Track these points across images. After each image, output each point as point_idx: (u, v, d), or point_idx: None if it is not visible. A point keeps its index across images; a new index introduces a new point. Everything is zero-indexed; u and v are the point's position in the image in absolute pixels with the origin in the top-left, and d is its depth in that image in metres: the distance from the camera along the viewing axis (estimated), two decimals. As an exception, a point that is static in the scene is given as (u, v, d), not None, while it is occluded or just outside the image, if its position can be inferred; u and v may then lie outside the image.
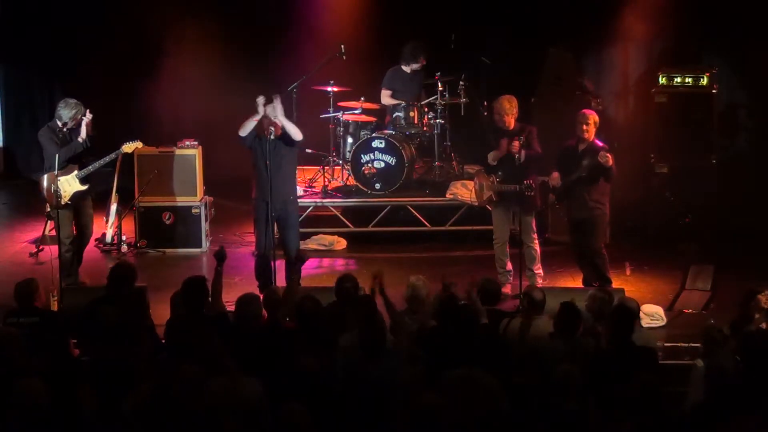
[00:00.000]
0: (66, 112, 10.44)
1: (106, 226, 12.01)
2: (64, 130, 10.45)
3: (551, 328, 7.60)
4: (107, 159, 10.80)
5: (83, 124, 10.38)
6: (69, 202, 10.45)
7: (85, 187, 10.53)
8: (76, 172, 10.47)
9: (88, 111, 10.45)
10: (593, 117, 10.07)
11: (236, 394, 6.38)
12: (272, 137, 9.90)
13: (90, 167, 10.53)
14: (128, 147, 10.97)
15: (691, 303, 10.16)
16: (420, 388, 6.65)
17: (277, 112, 9.98)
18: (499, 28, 13.60)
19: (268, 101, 10.01)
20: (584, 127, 10.03)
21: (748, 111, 13.78)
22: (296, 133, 10.05)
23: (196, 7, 13.91)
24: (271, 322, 7.73)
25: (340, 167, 12.90)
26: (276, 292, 8.15)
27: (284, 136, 10.06)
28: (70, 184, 10.47)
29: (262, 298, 7.98)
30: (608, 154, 9.81)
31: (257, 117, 9.95)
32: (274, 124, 9.97)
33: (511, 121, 10.30)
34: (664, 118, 12.47)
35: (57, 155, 10.27)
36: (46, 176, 10.44)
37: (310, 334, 7.42)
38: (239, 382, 6.51)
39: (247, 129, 9.99)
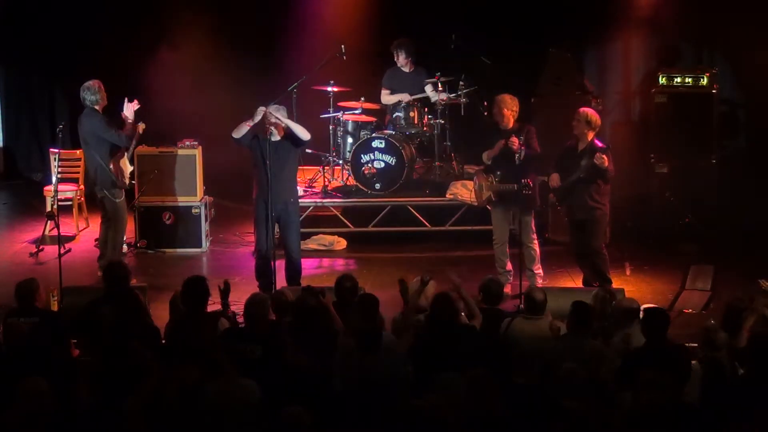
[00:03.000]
0: (94, 97, 10.72)
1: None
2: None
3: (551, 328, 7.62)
4: (135, 142, 11.09)
5: (129, 108, 10.80)
6: (133, 182, 11.14)
7: (132, 167, 11.18)
8: (127, 153, 10.92)
9: (133, 100, 10.90)
10: (586, 115, 10.05)
11: (233, 397, 6.39)
12: (273, 139, 9.91)
13: (131, 149, 11.01)
14: (140, 127, 11.06)
15: (691, 303, 10.16)
16: (412, 387, 6.68)
17: (280, 116, 9.98)
18: (499, 28, 13.60)
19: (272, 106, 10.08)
20: (574, 123, 10.06)
21: (748, 111, 13.78)
22: (303, 134, 10.06)
23: (196, 6, 13.90)
24: (277, 324, 7.74)
25: (340, 167, 12.90)
26: (285, 295, 8.14)
27: (291, 138, 10.06)
28: (127, 166, 10.96)
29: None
30: (604, 156, 9.80)
31: (251, 122, 9.96)
32: (276, 126, 9.98)
33: (510, 118, 10.31)
34: (664, 118, 12.47)
35: (125, 140, 10.74)
36: (114, 159, 10.75)
37: (310, 333, 7.43)
38: (237, 384, 6.52)
39: (240, 132, 10.00)
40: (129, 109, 10.83)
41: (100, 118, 10.72)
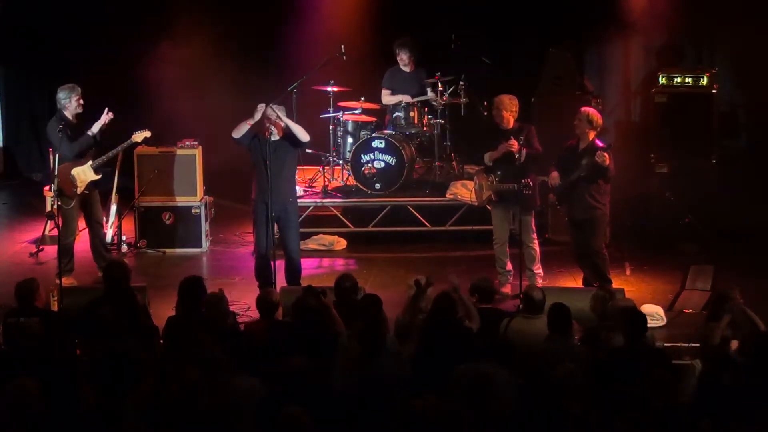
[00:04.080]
0: (62, 95, 10.69)
1: (106, 226, 12.00)
2: (72, 120, 10.65)
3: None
4: (119, 149, 10.95)
5: (100, 121, 10.61)
6: (86, 192, 10.69)
7: (98, 176, 10.79)
8: (90, 162, 10.66)
9: (109, 111, 10.68)
10: (587, 114, 10.04)
11: (234, 396, 6.38)
12: (273, 138, 9.90)
13: (103, 157, 10.77)
14: (138, 136, 10.99)
15: (691, 303, 10.16)
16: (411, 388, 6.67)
17: (281, 114, 9.96)
18: (499, 28, 13.60)
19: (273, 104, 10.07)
20: (575, 122, 10.07)
21: (748, 111, 13.78)
22: (303, 135, 10.05)
23: (196, 6, 13.91)
24: (267, 324, 7.74)
25: (340, 167, 12.90)
26: (271, 294, 8.15)
27: (290, 138, 10.05)
28: (85, 174, 10.69)
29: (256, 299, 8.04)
30: (605, 154, 9.80)
31: (251, 121, 9.94)
32: (276, 125, 9.97)
33: (509, 119, 10.31)
34: (664, 118, 12.47)
35: (68, 149, 10.53)
36: (60, 167, 10.57)
37: (309, 333, 7.43)
38: (237, 383, 6.52)
39: (240, 131, 9.98)
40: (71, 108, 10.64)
41: (54, 123, 10.63)
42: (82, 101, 10.71)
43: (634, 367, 6.58)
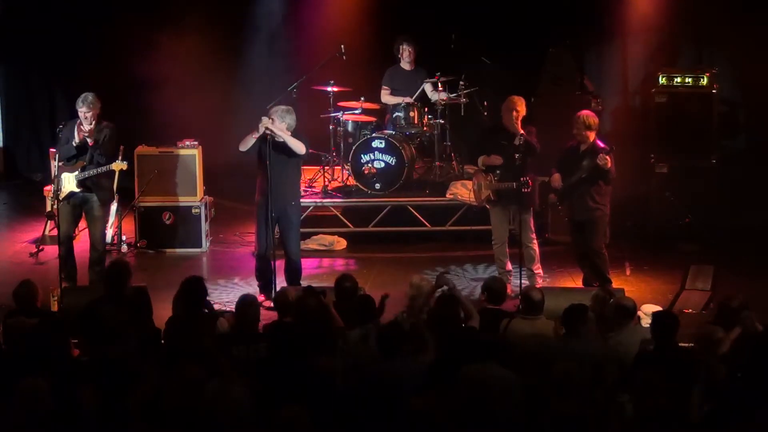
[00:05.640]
0: (78, 102, 10.43)
1: (107, 226, 12.00)
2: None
3: (550, 328, 7.62)
4: (99, 170, 10.47)
5: (76, 132, 10.42)
6: (62, 200, 10.39)
7: (78, 190, 10.46)
8: (77, 173, 10.46)
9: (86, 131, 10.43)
10: (583, 118, 10.04)
11: (232, 397, 6.39)
12: (276, 140, 9.88)
13: (86, 173, 10.44)
14: (116, 165, 10.58)
15: (691, 303, 10.16)
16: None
17: (276, 131, 9.90)
18: (499, 27, 13.60)
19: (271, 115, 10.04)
20: (575, 131, 10.06)
21: (748, 111, 13.77)
22: (299, 148, 10.03)
23: (196, 6, 13.91)
24: (280, 323, 7.74)
25: (340, 167, 12.90)
26: (288, 294, 8.14)
27: (286, 148, 10.03)
28: (69, 183, 10.49)
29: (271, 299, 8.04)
30: (607, 157, 9.81)
31: (256, 134, 9.91)
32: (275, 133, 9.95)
33: (518, 121, 10.21)
34: (664, 118, 12.46)
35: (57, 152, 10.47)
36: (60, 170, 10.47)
37: (314, 334, 7.42)
38: (235, 384, 6.52)
39: (247, 145, 9.99)
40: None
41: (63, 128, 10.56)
42: (83, 115, 10.35)
43: (666, 371, 6.53)
